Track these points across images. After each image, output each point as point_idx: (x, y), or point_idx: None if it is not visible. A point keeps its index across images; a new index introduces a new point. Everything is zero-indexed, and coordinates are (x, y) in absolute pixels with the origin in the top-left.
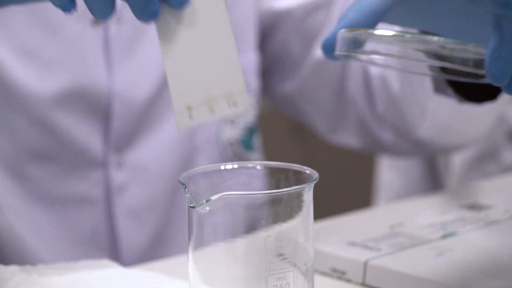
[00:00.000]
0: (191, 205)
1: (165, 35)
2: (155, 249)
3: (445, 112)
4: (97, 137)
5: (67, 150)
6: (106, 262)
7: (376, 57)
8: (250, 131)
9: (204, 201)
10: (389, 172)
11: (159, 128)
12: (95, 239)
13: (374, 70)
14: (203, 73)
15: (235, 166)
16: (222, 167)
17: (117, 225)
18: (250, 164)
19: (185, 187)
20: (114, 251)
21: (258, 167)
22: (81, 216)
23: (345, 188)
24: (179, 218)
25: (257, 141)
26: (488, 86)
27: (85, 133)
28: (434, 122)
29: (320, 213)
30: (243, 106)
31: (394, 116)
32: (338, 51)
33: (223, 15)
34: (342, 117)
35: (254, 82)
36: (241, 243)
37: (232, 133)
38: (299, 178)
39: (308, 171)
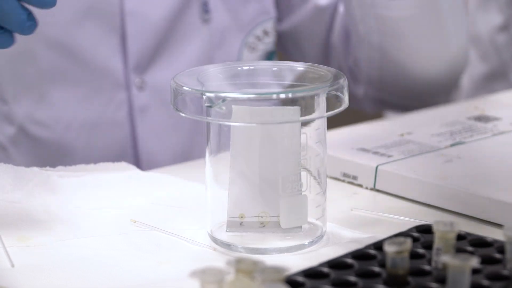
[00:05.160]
0: (208, 104)
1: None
2: None
3: (370, 27)
4: (117, 58)
5: (89, 72)
6: (125, 164)
7: None
8: (269, 55)
9: (221, 100)
10: None
11: (179, 49)
12: (121, 161)
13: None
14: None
15: (252, 67)
16: (239, 68)
17: (141, 146)
18: (267, 65)
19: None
20: None
21: (275, 68)
22: (107, 139)
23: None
24: (201, 138)
25: None
26: None
27: (104, 54)
28: (370, 46)
29: (330, 124)
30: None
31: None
32: None
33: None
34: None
35: (272, 10)
36: (256, 145)
37: (252, 57)
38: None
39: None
